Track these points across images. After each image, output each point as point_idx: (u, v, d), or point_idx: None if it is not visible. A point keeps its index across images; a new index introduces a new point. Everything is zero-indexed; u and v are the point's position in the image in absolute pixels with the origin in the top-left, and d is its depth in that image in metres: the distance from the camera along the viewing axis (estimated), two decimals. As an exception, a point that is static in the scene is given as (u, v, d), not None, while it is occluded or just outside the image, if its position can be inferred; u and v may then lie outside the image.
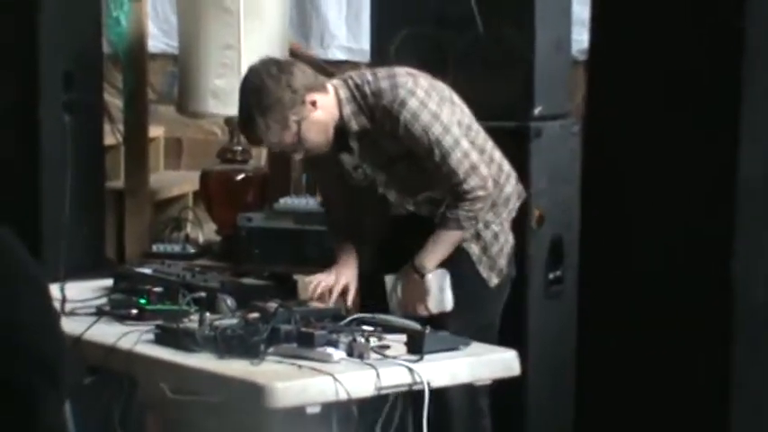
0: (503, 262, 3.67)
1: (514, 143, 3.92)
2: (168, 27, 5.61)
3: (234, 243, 4.72)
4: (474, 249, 3.64)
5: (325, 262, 4.37)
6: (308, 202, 4.72)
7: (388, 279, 3.58)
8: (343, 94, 3.52)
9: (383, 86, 3.51)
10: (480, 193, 3.51)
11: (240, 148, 4.93)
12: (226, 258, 4.73)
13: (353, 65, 5.15)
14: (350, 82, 3.54)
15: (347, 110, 3.51)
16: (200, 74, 4.79)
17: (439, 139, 3.49)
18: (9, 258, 1.57)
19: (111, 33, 5.07)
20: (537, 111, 4.15)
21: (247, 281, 3.81)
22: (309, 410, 2.91)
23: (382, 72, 3.56)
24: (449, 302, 3.58)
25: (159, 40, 5.64)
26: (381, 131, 3.52)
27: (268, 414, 2.95)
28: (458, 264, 3.58)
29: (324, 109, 3.49)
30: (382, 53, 4.18)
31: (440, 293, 3.56)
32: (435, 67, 3.75)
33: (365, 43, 4.65)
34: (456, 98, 3.62)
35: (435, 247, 3.54)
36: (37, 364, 1.55)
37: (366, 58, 4.65)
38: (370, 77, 3.54)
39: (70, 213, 4.04)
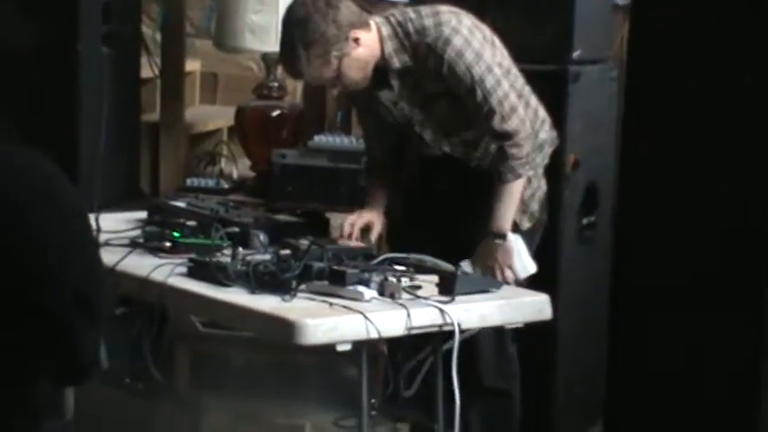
0: (535, 206, 3.66)
1: (552, 86, 3.89)
2: (207, -39, 5.60)
3: (267, 179, 4.73)
4: None
5: (358, 200, 4.38)
6: (343, 141, 4.71)
7: (465, 264, 3.52)
8: (386, 31, 3.50)
9: (427, 24, 3.48)
10: (521, 134, 3.48)
11: (276, 84, 4.93)
12: (259, 194, 4.74)
13: (391, 3, 5.11)
14: (392, 19, 3.52)
15: (389, 47, 3.49)
16: (238, 9, 4.77)
17: (482, 78, 3.46)
18: (56, 190, 1.57)
19: (150, -34, 5.07)
20: (576, 54, 4.12)
21: (280, 217, 3.83)
22: (340, 348, 2.92)
23: (426, 10, 3.54)
24: (532, 265, 3.53)
25: (198, -27, 5.63)
26: (423, 70, 3.50)
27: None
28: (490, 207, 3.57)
29: (366, 46, 3.47)
30: (420, -8, 4.15)
31: (519, 258, 3.52)
32: (474, 9, 3.72)
33: (403, -18, 4.61)
34: (497, 41, 3.60)
35: (504, 205, 3.50)
36: (76, 295, 1.56)
37: (404, -3, 4.62)
38: (413, 15, 3.52)
39: (106, 145, 4.05)
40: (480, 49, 3.48)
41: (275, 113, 4.90)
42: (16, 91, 4.09)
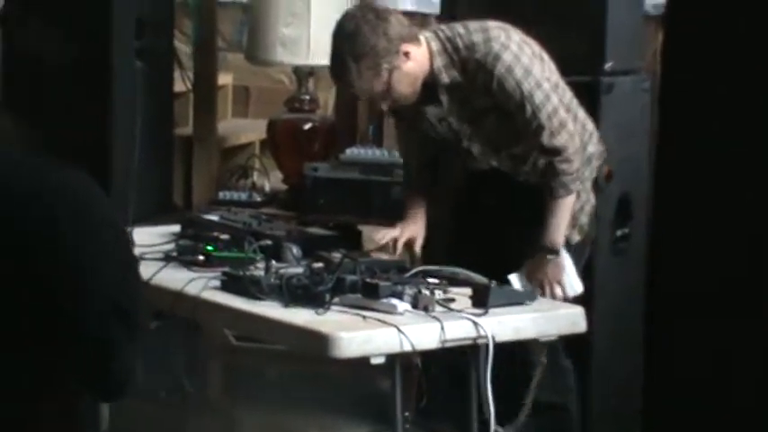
0: (584, 219, 3.65)
1: (585, 98, 3.89)
2: (238, -25, 5.61)
3: (300, 192, 4.73)
4: None
5: (391, 213, 4.37)
6: (375, 153, 4.71)
7: (514, 277, 3.52)
8: (435, 46, 3.50)
9: (476, 40, 3.48)
10: (570, 150, 3.48)
11: (307, 97, 4.93)
12: (291, 207, 4.74)
13: (423, 16, 5.12)
14: (441, 34, 3.52)
15: (438, 62, 3.49)
16: (270, 22, 4.78)
17: (531, 93, 3.46)
18: (90, 202, 1.58)
19: (182, -19, 5.08)
20: (608, 66, 4.11)
21: (313, 230, 3.83)
22: (373, 361, 2.92)
23: (474, 25, 3.53)
24: (579, 285, 3.53)
25: (230, -12, 5.64)
26: (472, 85, 3.50)
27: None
28: (540, 221, 3.55)
29: (415, 60, 3.47)
30: (452, 6, 4.15)
31: (567, 276, 3.51)
32: (507, 21, 3.72)
33: (436, -5, 4.61)
34: (545, 55, 3.60)
35: (556, 220, 3.50)
36: (114, 308, 1.56)
37: (436, 10, 4.62)
38: (461, 30, 3.52)
39: (140, 159, 4.07)
40: (529, 64, 3.48)
41: (307, 126, 4.91)
42: (51, 105, 4.12)
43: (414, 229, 3.63)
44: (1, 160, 1.61)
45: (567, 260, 3.51)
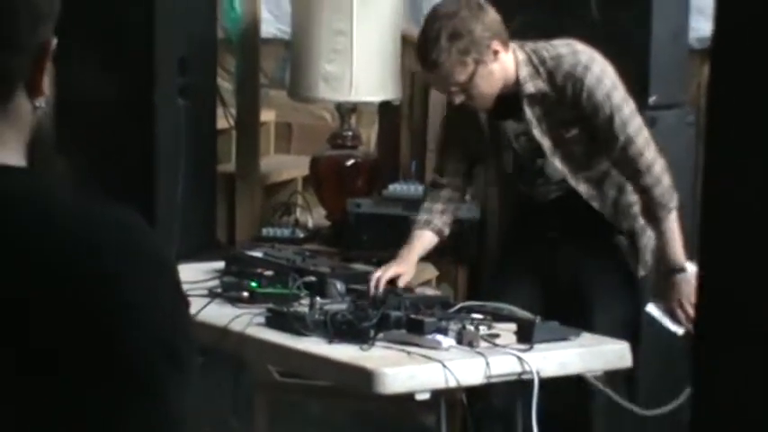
0: (648, 256, 3.62)
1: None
2: (281, 12, 5.64)
3: (343, 228, 4.73)
4: (622, 241, 3.59)
5: (434, 251, 4.36)
6: (417, 189, 4.71)
7: (651, 307, 3.49)
8: (521, 56, 3.48)
9: (562, 52, 3.47)
10: (657, 167, 3.46)
11: (350, 133, 4.94)
12: (334, 243, 4.75)
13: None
14: (526, 47, 3.51)
15: (524, 71, 3.47)
16: (312, 59, 4.80)
17: (620, 106, 3.44)
18: (140, 239, 1.58)
19: (225, 19, 5.11)
20: (652, 100, 4.10)
21: (356, 266, 3.83)
22: (418, 397, 2.91)
23: (558, 41, 3.52)
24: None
25: (272, 25, 5.67)
26: (561, 96, 3.46)
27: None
28: (606, 254, 3.53)
29: (501, 64, 3.44)
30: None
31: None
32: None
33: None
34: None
35: (670, 238, 3.47)
36: (164, 347, 1.55)
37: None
38: (546, 44, 3.51)
39: (183, 196, 4.09)
40: (615, 80, 3.48)
41: (349, 162, 4.92)
42: (96, 143, 4.14)
43: (401, 268, 3.51)
44: (55, 202, 1.61)
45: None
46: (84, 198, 1.67)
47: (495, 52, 3.41)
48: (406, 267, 3.49)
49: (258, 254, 3.77)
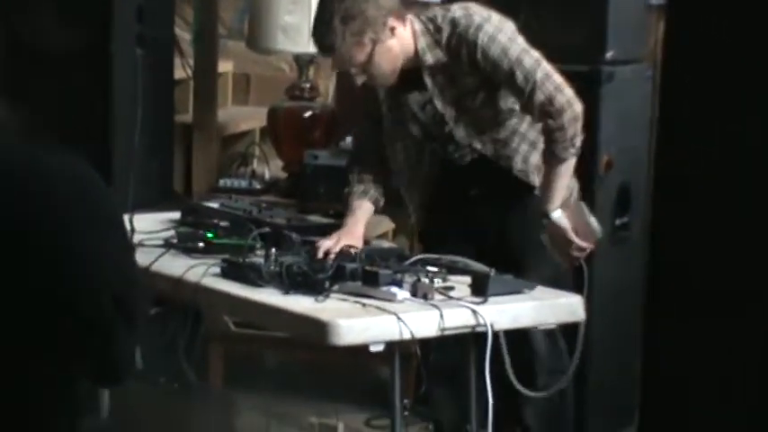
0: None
1: (585, 87, 3.88)
2: (239, -38, 5.61)
3: (300, 180, 4.74)
4: (538, 181, 3.60)
5: (389, 201, 4.37)
6: (375, 142, 4.70)
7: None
8: (418, 26, 3.48)
9: (457, 15, 3.47)
10: (568, 112, 3.43)
11: (308, 85, 4.94)
12: (291, 195, 4.75)
13: (423, 3, 5.11)
14: (422, 17, 3.51)
15: (422, 42, 3.47)
16: (271, 10, 4.78)
17: (520, 58, 3.42)
18: (89, 189, 1.58)
19: (183, -33, 5.08)
20: (609, 55, 4.11)
21: (313, 218, 3.83)
22: (373, 348, 2.93)
23: (454, 6, 3.52)
24: (597, 229, 3.50)
25: (230, -25, 5.64)
26: (457, 62, 3.47)
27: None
28: (529, 210, 3.54)
29: (400, 39, 3.45)
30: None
31: (586, 226, 3.49)
32: (507, 8, 3.71)
33: (436, -18, 4.61)
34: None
35: (552, 183, 3.45)
36: (113, 297, 1.56)
37: (437, -2, 4.62)
38: (440, 11, 3.51)
39: (139, 146, 4.07)
40: (512, 35, 3.46)
41: (307, 114, 4.91)
42: (51, 92, 4.12)
43: (350, 240, 3.46)
44: (5, 150, 1.61)
45: (580, 207, 3.47)
46: (34, 146, 1.67)
47: (392, 29, 3.42)
48: (354, 241, 3.45)
49: (214, 205, 3.77)
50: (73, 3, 4.19)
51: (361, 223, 3.55)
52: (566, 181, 3.46)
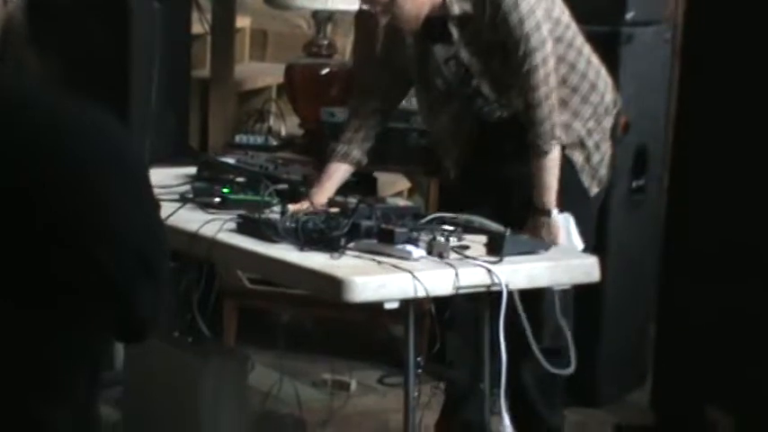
0: (603, 171, 3.63)
1: (604, 48, 3.86)
2: None
3: (316, 137, 4.73)
4: (578, 158, 3.59)
5: (407, 159, 4.36)
6: (392, 100, 4.68)
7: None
8: None
9: None
10: (544, 108, 3.40)
11: (326, 42, 4.92)
12: (307, 152, 4.74)
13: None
14: None
15: None
16: (289, -35, 4.76)
17: (529, 34, 3.41)
18: (115, 145, 1.57)
19: None
20: (629, 16, 4.09)
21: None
22: (387, 306, 2.93)
23: None
24: (580, 244, 3.49)
25: (249, -70, 5.62)
26: (481, 18, 3.46)
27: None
28: (561, 172, 3.53)
29: None
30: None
31: (569, 237, 3.48)
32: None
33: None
34: None
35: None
36: (137, 254, 1.56)
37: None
38: None
39: (156, 101, 4.07)
40: (536, 6, 3.45)
41: (324, 71, 4.90)
42: (68, 46, 4.11)
43: (318, 202, 3.45)
44: (24, 94, 1.60)
45: (568, 220, 3.47)
46: (61, 98, 1.66)
47: None
48: (321, 203, 3.44)
49: (231, 160, 3.77)
50: (91, -45, 4.17)
51: (326, 193, 3.52)
52: (555, 172, 3.45)
